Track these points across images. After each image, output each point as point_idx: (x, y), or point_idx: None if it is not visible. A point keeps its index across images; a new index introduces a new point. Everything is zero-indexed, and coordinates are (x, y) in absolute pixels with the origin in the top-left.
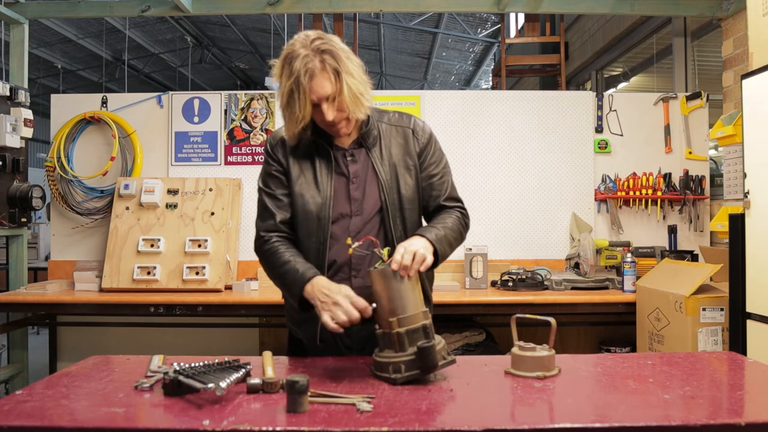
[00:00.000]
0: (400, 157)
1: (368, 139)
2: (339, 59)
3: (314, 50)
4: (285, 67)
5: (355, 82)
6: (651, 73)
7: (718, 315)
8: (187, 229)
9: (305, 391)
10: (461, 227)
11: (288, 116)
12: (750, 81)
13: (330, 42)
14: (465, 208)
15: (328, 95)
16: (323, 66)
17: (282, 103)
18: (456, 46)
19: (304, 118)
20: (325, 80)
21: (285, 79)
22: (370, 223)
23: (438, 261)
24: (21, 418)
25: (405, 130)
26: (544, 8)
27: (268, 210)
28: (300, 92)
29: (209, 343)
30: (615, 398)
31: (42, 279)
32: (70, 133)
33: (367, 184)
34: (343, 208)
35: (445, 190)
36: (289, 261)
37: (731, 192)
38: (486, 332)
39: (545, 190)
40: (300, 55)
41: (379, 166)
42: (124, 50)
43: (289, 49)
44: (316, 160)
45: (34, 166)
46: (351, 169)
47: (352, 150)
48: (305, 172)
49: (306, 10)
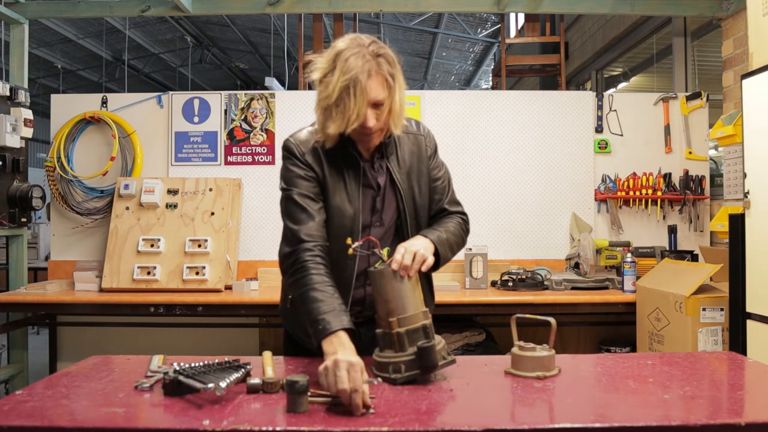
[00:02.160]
0: (414, 164)
1: (387, 148)
2: (395, 68)
3: (371, 53)
4: (338, 63)
5: (402, 95)
6: (651, 73)
7: (718, 315)
8: (187, 229)
9: (305, 391)
10: (462, 232)
11: (336, 114)
12: (750, 81)
13: (385, 49)
14: (465, 214)
15: (379, 100)
16: (379, 70)
17: (330, 99)
18: (456, 46)
19: (358, 118)
20: (381, 85)
21: (339, 75)
22: (389, 232)
23: (439, 263)
24: (21, 418)
25: (417, 137)
26: (544, 8)
27: (306, 212)
28: (357, 90)
29: (209, 343)
30: (615, 398)
31: (42, 279)
32: (70, 133)
33: (387, 195)
34: (366, 220)
35: (447, 194)
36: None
37: (731, 192)
38: (486, 332)
39: (545, 190)
40: (358, 53)
41: (397, 176)
42: (124, 50)
43: (342, 45)
44: (345, 171)
45: (34, 166)
46: (380, 181)
47: (378, 161)
48: (338, 183)
49: (306, 10)
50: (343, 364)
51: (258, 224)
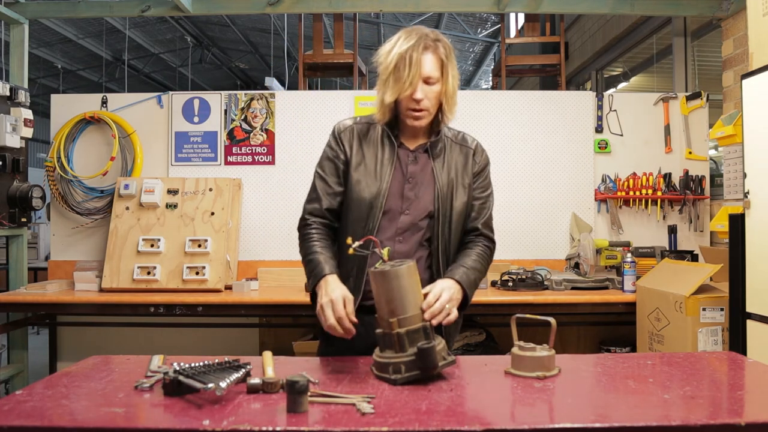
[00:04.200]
0: (459, 173)
1: (435, 148)
2: (450, 53)
3: (431, 38)
4: (398, 42)
5: (455, 82)
6: (651, 73)
7: (718, 315)
8: (187, 229)
9: (305, 391)
10: (487, 263)
11: (393, 82)
12: (750, 81)
13: (445, 39)
14: (494, 242)
15: (431, 76)
16: (436, 49)
17: (388, 70)
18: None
19: (411, 86)
20: (434, 63)
21: (397, 48)
22: (418, 225)
23: (465, 307)
24: (21, 418)
25: (467, 150)
26: (544, 8)
27: (317, 193)
28: (412, 61)
29: (209, 343)
30: (615, 398)
31: (42, 279)
32: (70, 133)
33: (423, 188)
34: (395, 204)
35: (483, 216)
36: (315, 252)
37: (731, 192)
38: (486, 332)
39: (545, 190)
40: (417, 34)
41: (438, 174)
42: (124, 50)
43: (405, 32)
44: (379, 152)
45: (34, 166)
46: (410, 170)
47: (417, 153)
48: (367, 160)
49: (306, 10)
50: (326, 304)
51: (258, 224)
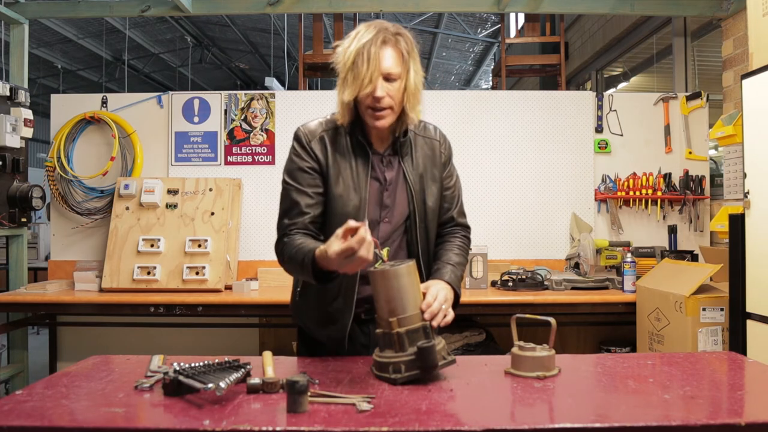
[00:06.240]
0: (428, 167)
1: (402, 147)
2: (412, 48)
3: (391, 32)
4: (356, 36)
5: (418, 78)
6: (651, 73)
7: (718, 315)
8: (187, 229)
9: (305, 391)
10: (466, 253)
11: (351, 79)
12: (750, 81)
13: (406, 33)
14: (469, 227)
15: (391, 72)
16: (396, 43)
17: (345, 66)
18: (456, 46)
19: (370, 83)
20: (395, 59)
21: (355, 43)
22: (397, 231)
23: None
24: (21, 418)
25: (432, 142)
26: (544, 8)
27: (298, 206)
28: (369, 56)
29: (209, 343)
30: (615, 398)
31: (42, 279)
32: (70, 133)
33: (398, 192)
34: (374, 214)
35: (456, 205)
36: (301, 242)
37: (731, 192)
38: (486, 332)
39: (545, 190)
40: (376, 28)
41: (410, 175)
42: (124, 50)
43: (364, 26)
44: (352, 161)
45: (34, 166)
46: (387, 176)
47: (389, 157)
48: (343, 172)
49: (306, 10)
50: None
51: (258, 224)
